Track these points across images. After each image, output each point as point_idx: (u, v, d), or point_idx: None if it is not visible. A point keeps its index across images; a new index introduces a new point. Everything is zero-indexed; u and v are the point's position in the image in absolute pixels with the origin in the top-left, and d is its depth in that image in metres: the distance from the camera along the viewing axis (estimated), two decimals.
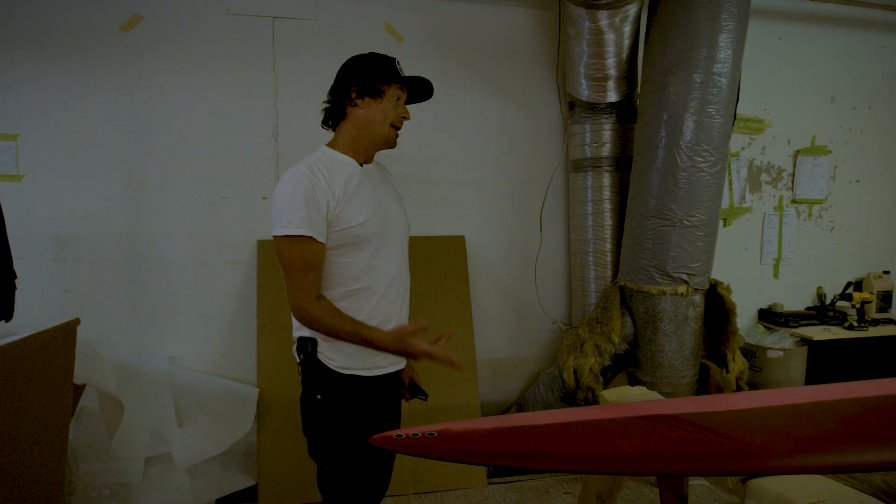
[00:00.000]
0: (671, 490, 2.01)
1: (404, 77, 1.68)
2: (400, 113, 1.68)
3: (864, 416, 1.46)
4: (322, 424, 1.65)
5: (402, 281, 1.72)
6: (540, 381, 3.28)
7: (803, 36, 3.62)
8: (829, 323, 3.63)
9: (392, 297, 1.67)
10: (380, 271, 1.63)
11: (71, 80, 2.76)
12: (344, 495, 1.66)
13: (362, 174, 1.66)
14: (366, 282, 1.62)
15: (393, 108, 1.66)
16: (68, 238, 2.84)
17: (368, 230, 1.60)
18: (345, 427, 1.63)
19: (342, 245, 1.58)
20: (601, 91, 2.97)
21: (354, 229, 1.57)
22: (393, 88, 1.65)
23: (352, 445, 1.62)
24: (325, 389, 1.63)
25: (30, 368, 1.57)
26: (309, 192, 1.52)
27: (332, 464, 1.65)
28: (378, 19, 3.08)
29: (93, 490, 2.40)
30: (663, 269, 2.76)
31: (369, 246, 1.61)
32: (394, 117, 1.66)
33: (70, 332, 1.77)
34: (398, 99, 1.67)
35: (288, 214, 1.51)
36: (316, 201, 1.52)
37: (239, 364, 2.98)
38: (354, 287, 1.61)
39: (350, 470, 1.64)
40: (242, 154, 2.96)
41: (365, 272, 1.61)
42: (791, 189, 3.74)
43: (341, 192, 1.57)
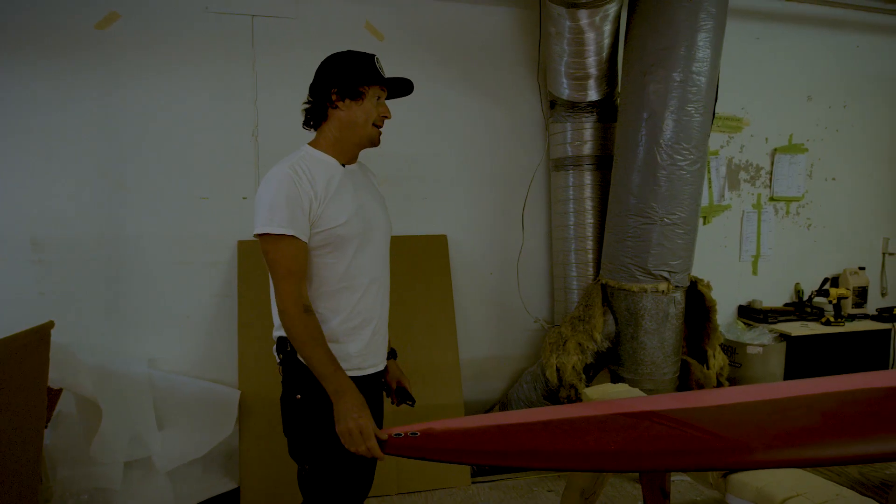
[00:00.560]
0: (653, 486, 2.03)
1: (383, 78, 1.67)
2: (381, 112, 1.66)
3: (841, 411, 1.49)
4: (302, 424, 1.64)
5: (382, 281, 1.72)
6: (523, 380, 3.29)
7: (780, 36, 3.67)
8: (806, 319, 3.69)
9: (372, 297, 1.67)
10: (361, 271, 1.63)
11: (45, 78, 2.70)
12: (324, 495, 1.65)
13: (344, 174, 1.65)
14: (346, 282, 1.61)
15: (374, 107, 1.64)
16: (44, 240, 2.78)
17: (350, 230, 1.59)
18: (324, 427, 1.60)
19: (324, 245, 1.57)
20: (582, 90, 2.99)
21: (336, 230, 1.56)
22: (373, 89, 1.64)
23: (331, 445, 1.59)
24: (304, 389, 1.61)
25: (2, 373, 1.53)
26: (292, 192, 1.51)
27: (311, 464, 1.64)
28: (359, 17, 3.06)
29: (70, 496, 2.36)
30: (644, 267, 2.78)
31: (351, 246, 1.60)
32: (375, 117, 1.65)
33: (44, 336, 1.73)
34: (379, 98, 1.66)
35: (270, 213, 1.50)
36: (299, 201, 1.51)
37: (220, 366, 2.94)
38: (336, 287, 1.60)
39: (330, 470, 1.63)
40: (222, 154, 2.93)
41: (346, 272, 1.60)
42: (769, 187, 3.79)
43: (323, 192, 1.56)
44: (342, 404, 1.46)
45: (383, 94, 1.68)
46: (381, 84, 1.66)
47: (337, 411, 1.46)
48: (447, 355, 3.14)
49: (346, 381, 1.49)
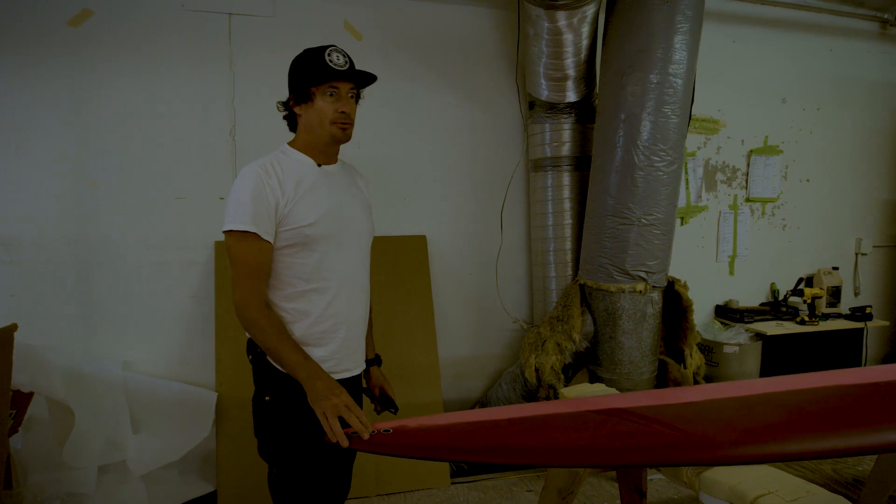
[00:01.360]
0: (629, 485, 2.04)
1: (331, 74, 1.57)
2: (337, 108, 1.59)
3: (806, 407, 1.51)
4: (270, 426, 1.63)
5: (357, 284, 1.68)
6: (503, 380, 3.30)
7: (756, 39, 3.72)
8: (781, 318, 3.74)
9: (344, 299, 1.63)
10: (331, 273, 1.60)
11: (16, 75, 2.66)
12: (291, 499, 1.64)
13: (320, 174, 1.63)
14: (316, 283, 1.59)
15: (329, 105, 1.59)
16: (14, 240, 2.73)
17: (318, 231, 1.57)
18: (292, 429, 1.61)
19: (292, 245, 1.56)
20: (560, 91, 3.01)
21: (304, 229, 1.55)
22: (322, 87, 1.58)
23: (299, 448, 1.60)
24: (273, 390, 1.61)
25: None
26: (258, 190, 1.51)
27: (279, 466, 1.63)
28: (337, 17, 3.05)
29: (43, 501, 2.32)
30: (622, 268, 2.80)
31: (319, 247, 1.58)
32: (332, 115, 1.59)
33: (6, 339, 1.69)
34: (332, 94, 1.58)
35: (235, 210, 1.51)
36: (265, 199, 1.51)
37: (197, 368, 2.91)
38: (305, 288, 1.59)
39: (297, 473, 1.62)
40: (199, 153, 2.91)
41: (315, 273, 1.59)
42: (745, 188, 3.84)
43: (292, 191, 1.55)
44: (316, 389, 1.45)
45: (338, 89, 1.59)
46: (325, 82, 1.58)
47: (312, 398, 1.45)
48: (426, 355, 3.14)
49: (315, 367, 1.49)
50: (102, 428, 2.59)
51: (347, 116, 1.60)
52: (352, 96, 1.62)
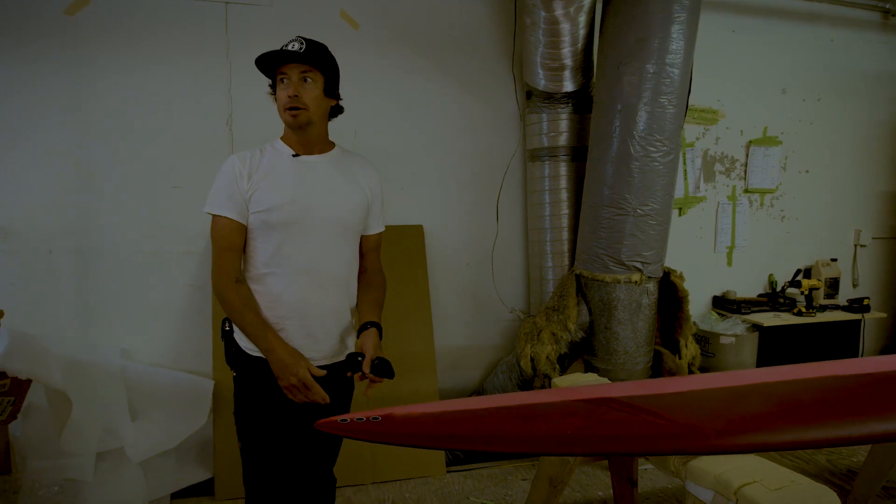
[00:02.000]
0: (621, 474, 2.06)
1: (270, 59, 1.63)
2: (285, 94, 1.63)
3: (795, 398, 1.52)
4: (236, 401, 1.74)
5: (321, 273, 1.68)
6: (499, 370, 3.31)
7: (756, 29, 3.70)
8: (779, 309, 3.74)
9: (302, 287, 1.66)
10: (290, 260, 1.65)
11: (13, 64, 2.66)
12: (250, 474, 1.72)
13: (294, 164, 1.69)
14: (273, 268, 1.66)
15: (282, 92, 1.64)
16: (12, 229, 2.74)
17: (275, 217, 1.63)
18: (254, 406, 1.70)
19: (254, 229, 1.66)
20: (557, 81, 3.00)
21: (261, 214, 1.63)
22: (278, 78, 1.65)
23: (259, 425, 1.69)
24: (239, 367, 1.72)
25: None
26: (230, 176, 1.65)
27: (242, 441, 1.73)
28: (334, 5, 3.04)
29: (41, 487, 2.34)
30: (617, 258, 2.80)
31: (277, 234, 1.64)
32: (283, 101, 1.64)
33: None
34: (283, 81, 1.63)
35: (212, 195, 1.67)
36: (235, 183, 1.64)
37: (194, 356, 2.93)
38: (263, 271, 1.67)
39: (256, 450, 1.70)
40: (196, 142, 2.90)
41: (273, 258, 1.65)
42: (744, 179, 3.83)
43: (258, 178, 1.64)
44: (276, 361, 1.58)
45: (287, 74, 1.63)
46: (270, 70, 1.66)
47: (274, 370, 1.58)
48: (423, 344, 3.15)
49: (275, 339, 1.59)
50: (100, 415, 2.60)
51: (297, 100, 1.62)
52: (305, 79, 1.63)
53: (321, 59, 1.65)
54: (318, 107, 1.66)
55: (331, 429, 1.36)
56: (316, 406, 1.63)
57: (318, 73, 1.64)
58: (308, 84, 1.63)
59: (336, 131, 3.07)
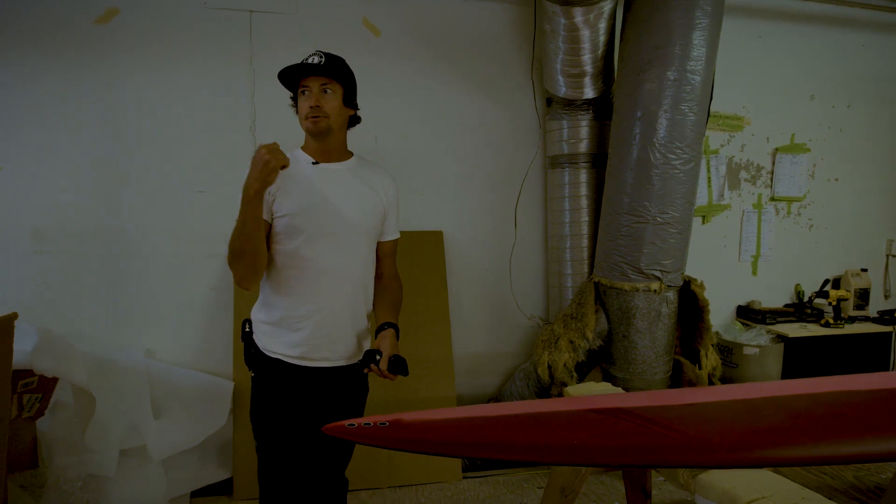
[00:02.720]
0: (635, 484, 2.04)
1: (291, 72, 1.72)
2: (306, 104, 1.71)
3: (811, 412, 1.48)
4: (252, 401, 1.79)
5: (338, 275, 1.75)
6: (517, 377, 3.30)
7: (783, 34, 3.63)
8: (806, 320, 3.66)
9: (321, 288, 1.73)
10: (308, 262, 1.71)
11: (48, 72, 2.75)
12: (264, 473, 1.77)
13: (313, 171, 1.76)
14: (293, 269, 1.72)
15: (303, 103, 1.73)
16: (46, 231, 2.84)
17: (296, 222, 1.70)
18: (267, 407, 1.75)
19: (278, 232, 1.71)
20: (578, 88, 2.99)
21: (283, 219, 1.70)
22: (299, 90, 1.73)
23: (273, 426, 1.74)
24: (256, 368, 1.77)
25: None
26: None
27: (257, 441, 1.78)
28: (356, 14, 3.08)
29: (65, 482, 2.41)
30: (636, 266, 2.77)
31: (298, 236, 1.70)
32: (304, 111, 1.73)
33: (6, 327, 1.77)
34: (304, 93, 1.72)
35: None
36: None
37: (215, 357, 2.98)
38: (285, 273, 1.73)
39: (269, 449, 1.75)
40: (220, 148, 2.97)
41: (292, 260, 1.72)
42: (770, 186, 3.76)
43: (279, 184, 1.68)
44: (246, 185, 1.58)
45: (309, 87, 1.71)
46: (291, 83, 1.75)
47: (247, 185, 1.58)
48: (441, 349, 3.16)
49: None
50: (124, 413, 2.66)
51: (318, 109, 1.70)
52: (326, 90, 1.71)
53: (340, 71, 1.73)
54: (337, 115, 1.74)
55: (339, 433, 1.37)
56: (330, 410, 1.70)
57: (337, 84, 1.73)
58: (328, 95, 1.71)
59: (357, 137, 3.11)
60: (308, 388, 1.74)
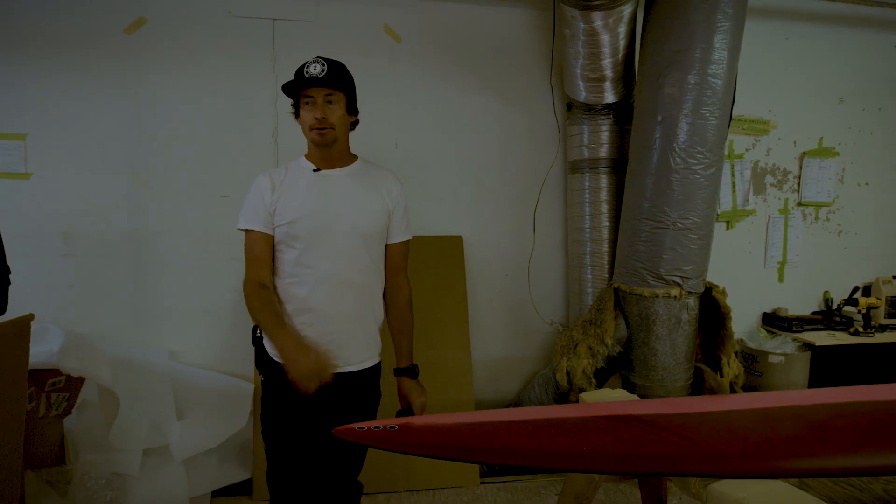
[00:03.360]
0: (651, 494, 2.01)
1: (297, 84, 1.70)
2: (312, 115, 1.71)
3: (830, 423, 1.44)
4: (262, 405, 1.82)
5: (339, 281, 1.75)
6: (535, 382, 3.29)
7: (810, 36, 3.56)
8: (834, 328, 3.57)
9: (323, 294, 1.74)
10: (310, 269, 1.73)
11: (77, 81, 2.84)
12: (273, 476, 1.78)
13: (314, 178, 1.78)
14: (296, 277, 1.74)
15: (307, 113, 1.72)
16: (74, 234, 2.92)
17: (297, 229, 1.72)
18: (276, 412, 1.77)
19: (280, 241, 1.75)
20: (598, 92, 2.97)
21: (284, 227, 1.73)
22: (302, 99, 1.72)
23: (282, 430, 1.75)
24: (266, 373, 1.79)
25: None
26: (256, 192, 1.77)
27: (266, 444, 1.80)
28: (377, 20, 3.11)
29: (90, 479, 2.47)
30: (656, 272, 2.74)
31: (299, 244, 1.73)
32: (309, 122, 1.72)
33: (23, 328, 1.82)
34: (308, 103, 1.71)
35: (242, 212, 1.79)
36: (260, 199, 1.75)
37: (236, 359, 3.03)
38: (288, 280, 1.76)
39: (278, 453, 1.77)
40: (243, 153, 3.02)
41: (295, 267, 1.74)
42: (797, 191, 3.68)
43: (280, 193, 1.74)
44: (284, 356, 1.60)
45: (313, 97, 1.70)
46: (296, 93, 1.73)
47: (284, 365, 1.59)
48: (459, 354, 3.16)
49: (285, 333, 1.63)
50: (148, 413, 2.73)
51: (324, 121, 1.70)
52: (330, 101, 1.71)
53: (342, 80, 1.73)
54: (342, 125, 1.76)
55: (348, 436, 1.38)
56: (340, 415, 1.69)
57: (340, 94, 1.73)
58: (332, 105, 1.72)
59: (377, 141, 3.17)
60: (317, 393, 1.71)
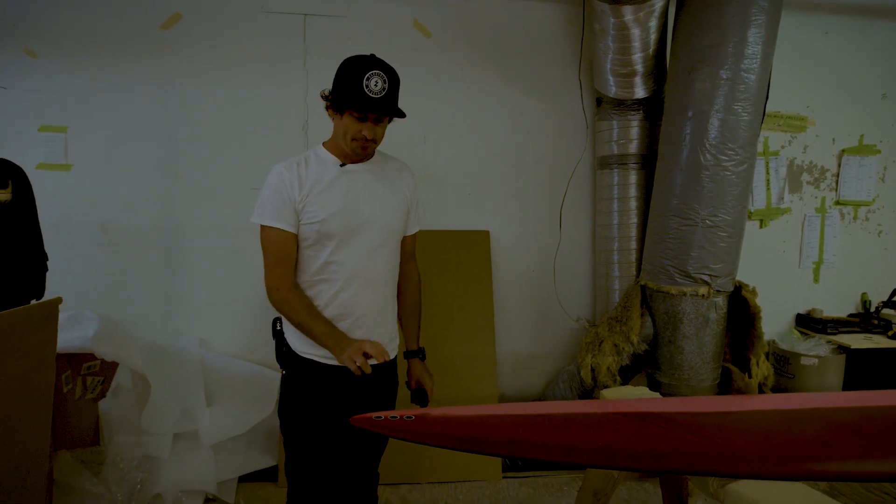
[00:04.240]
0: (671, 492, 1.99)
1: (362, 105, 1.59)
2: (360, 130, 1.63)
3: (859, 426, 1.41)
4: (281, 399, 1.80)
5: (369, 279, 1.74)
6: (560, 378, 3.27)
7: (852, 29, 3.45)
8: (871, 331, 3.46)
9: (352, 293, 1.71)
10: (340, 266, 1.70)
11: (115, 76, 2.93)
12: (293, 469, 1.77)
13: (341, 173, 1.72)
14: (325, 275, 1.70)
15: (354, 125, 1.63)
16: (111, 225, 3.02)
17: (328, 227, 1.67)
18: (297, 406, 1.75)
19: (306, 238, 1.68)
20: (628, 87, 2.93)
21: (315, 225, 1.67)
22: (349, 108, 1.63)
23: (303, 426, 1.73)
24: (287, 367, 1.77)
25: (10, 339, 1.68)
26: (278, 187, 1.66)
27: (285, 437, 1.79)
28: (407, 16, 3.13)
29: (122, 461, 2.55)
30: (684, 270, 2.70)
31: (330, 242, 1.68)
32: (353, 134, 1.64)
33: (51, 311, 1.88)
34: (359, 118, 1.63)
35: (260, 206, 1.68)
36: (283, 195, 1.65)
37: (265, 349, 3.07)
38: (315, 279, 1.71)
39: (299, 447, 1.75)
40: (273, 147, 3.07)
41: (324, 267, 1.70)
42: (835, 190, 3.58)
43: (309, 189, 1.66)
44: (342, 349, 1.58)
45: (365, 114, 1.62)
46: (351, 111, 1.61)
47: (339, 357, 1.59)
48: (484, 348, 3.17)
49: (341, 333, 1.64)
50: (179, 399, 2.80)
51: (370, 140, 1.65)
52: (379, 121, 1.65)
53: (397, 106, 1.65)
54: (382, 137, 1.72)
55: (365, 425, 1.40)
56: (361, 407, 1.69)
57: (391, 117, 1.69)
58: (381, 124, 1.67)
59: (406, 137, 3.19)
60: (339, 386, 1.72)
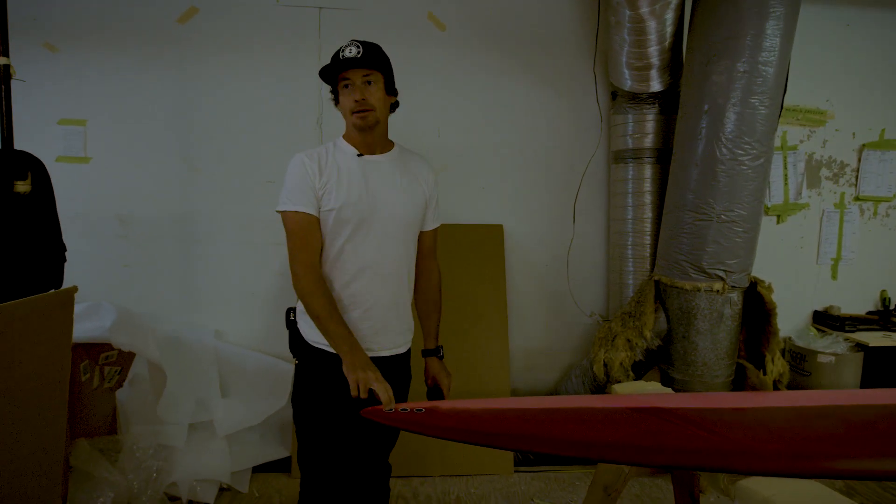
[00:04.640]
0: (682, 488, 1.99)
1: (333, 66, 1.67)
2: (351, 98, 1.68)
3: (873, 424, 1.40)
4: (295, 388, 1.82)
5: (383, 270, 1.74)
6: (573, 373, 3.27)
7: (875, 22, 3.38)
8: (891, 329, 3.41)
9: (364, 283, 1.72)
10: (353, 257, 1.71)
11: (133, 69, 2.97)
12: (305, 459, 1.79)
13: (358, 163, 1.73)
14: (338, 263, 1.72)
15: (347, 98, 1.69)
16: (129, 217, 3.07)
17: (343, 215, 1.68)
18: (310, 396, 1.76)
19: (323, 225, 1.70)
20: (644, 81, 2.90)
21: (331, 213, 1.68)
22: (340, 84, 1.70)
23: (315, 415, 1.75)
24: (301, 356, 1.79)
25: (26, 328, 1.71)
26: (301, 174, 1.69)
27: (298, 426, 1.80)
28: (421, 8, 3.12)
29: (138, 449, 2.59)
30: (698, 265, 2.68)
31: (344, 230, 1.69)
32: (350, 106, 1.69)
33: (67, 300, 1.91)
34: (346, 87, 1.68)
35: (284, 194, 1.71)
36: (305, 181, 1.68)
37: (279, 341, 3.06)
38: (328, 267, 1.72)
39: (311, 437, 1.76)
40: (288, 140, 3.09)
41: (338, 254, 1.71)
42: (854, 185, 3.52)
43: (327, 177, 1.69)
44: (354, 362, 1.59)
45: (351, 79, 1.67)
46: (332, 77, 1.70)
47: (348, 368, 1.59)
48: (497, 343, 3.17)
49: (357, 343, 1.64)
50: (194, 389, 2.84)
51: (364, 103, 1.67)
52: (368, 82, 1.68)
53: (379, 59, 1.70)
54: (383, 106, 1.73)
55: (376, 417, 1.42)
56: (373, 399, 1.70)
57: (378, 73, 1.69)
58: (371, 86, 1.68)
59: (419, 129, 3.19)
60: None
